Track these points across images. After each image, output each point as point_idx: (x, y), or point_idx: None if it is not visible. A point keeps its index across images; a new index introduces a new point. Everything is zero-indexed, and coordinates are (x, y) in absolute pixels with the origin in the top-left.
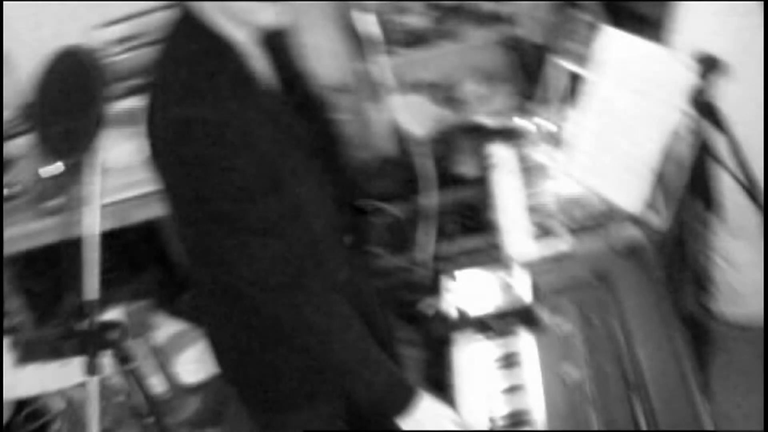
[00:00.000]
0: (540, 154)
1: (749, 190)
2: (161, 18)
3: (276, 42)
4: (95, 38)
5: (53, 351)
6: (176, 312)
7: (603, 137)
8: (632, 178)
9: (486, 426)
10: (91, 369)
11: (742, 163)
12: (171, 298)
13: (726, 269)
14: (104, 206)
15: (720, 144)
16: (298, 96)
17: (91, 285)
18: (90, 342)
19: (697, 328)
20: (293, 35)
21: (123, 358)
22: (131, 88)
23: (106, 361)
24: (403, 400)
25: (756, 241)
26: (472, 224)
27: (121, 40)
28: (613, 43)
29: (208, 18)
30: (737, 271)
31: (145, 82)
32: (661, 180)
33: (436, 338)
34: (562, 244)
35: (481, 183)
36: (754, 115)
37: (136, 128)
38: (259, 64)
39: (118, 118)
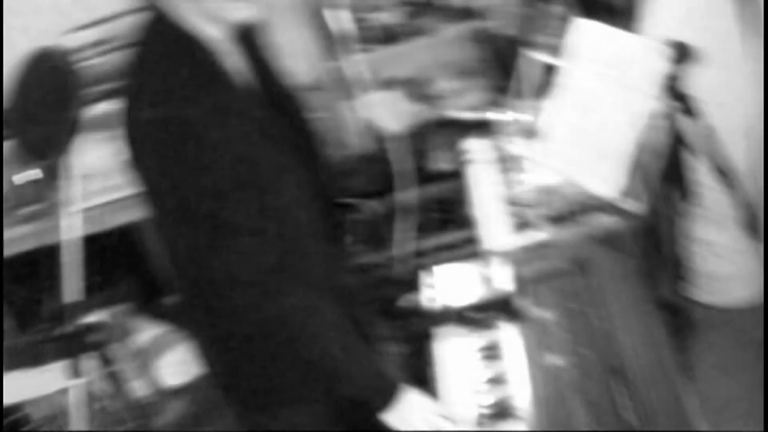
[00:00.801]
0: (516, 146)
1: (723, 175)
2: (134, 21)
3: (249, 38)
4: (67, 42)
5: (35, 357)
6: (157, 314)
7: (578, 126)
8: (608, 166)
9: (472, 416)
10: (74, 372)
11: (715, 150)
12: (151, 301)
13: (705, 256)
14: (82, 211)
15: (694, 131)
16: (273, 93)
17: (73, 287)
18: (73, 344)
19: (676, 312)
20: (265, 33)
21: (106, 360)
22: (106, 92)
23: (90, 365)
24: (387, 394)
25: (733, 228)
26: (450, 219)
27: (94, 44)
28: (586, 34)
29: (181, 18)
30: (717, 258)
31: (120, 85)
32: (638, 167)
33: (417, 333)
34: (541, 234)
35: (458, 177)
36: (727, 100)
37: (112, 132)
38: (234, 61)
39: (94, 122)
